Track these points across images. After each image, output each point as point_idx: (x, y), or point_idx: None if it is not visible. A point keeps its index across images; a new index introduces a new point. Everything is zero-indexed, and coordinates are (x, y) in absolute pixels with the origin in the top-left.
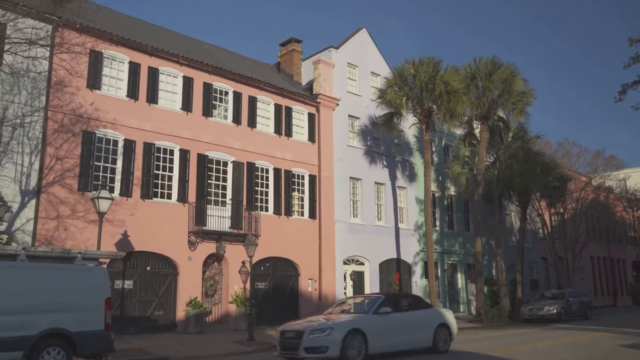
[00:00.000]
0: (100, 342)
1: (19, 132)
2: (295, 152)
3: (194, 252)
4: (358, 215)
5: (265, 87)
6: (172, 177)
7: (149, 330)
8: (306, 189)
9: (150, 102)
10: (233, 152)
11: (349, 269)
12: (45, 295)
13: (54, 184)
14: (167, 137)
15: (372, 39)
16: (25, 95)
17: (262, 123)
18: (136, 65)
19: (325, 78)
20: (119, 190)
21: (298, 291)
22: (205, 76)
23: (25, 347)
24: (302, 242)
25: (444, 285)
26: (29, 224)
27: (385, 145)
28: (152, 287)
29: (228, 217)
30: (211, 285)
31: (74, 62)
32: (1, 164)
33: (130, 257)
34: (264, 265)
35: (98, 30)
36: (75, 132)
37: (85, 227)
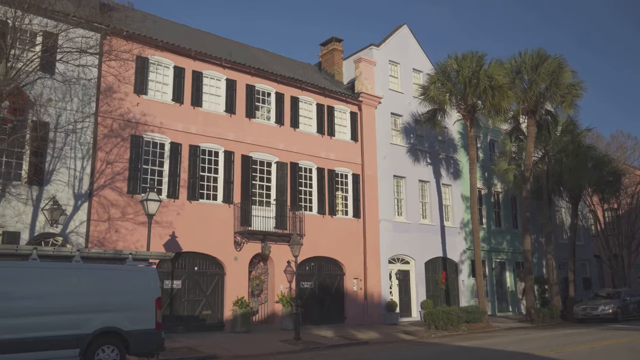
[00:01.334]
0: (151, 340)
1: (72, 138)
2: (338, 151)
3: (239, 252)
4: (402, 213)
5: (307, 87)
6: (217, 178)
7: (197, 330)
8: (350, 188)
9: (195, 106)
10: (276, 152)
11: (394, 268)
12: (99, 295)
13: (105, 187)
14: (212, 139)
15: (414, 35)
16: (76, 102)
17: (304, 123)
18: (181, 69)
19: (367, 76)
20: (166, 193)
21: (343, 291)
22: (247, 78)
23: (81, 345)
24: (346, 242)
25: (492, 284)
26: (82, 226)
27: (429, 143)
28: (200, 287)
29: (273, 217)
30: (257, 285)
31: (122, 68)
32: (55, 168)
33: (178, 257)
34: (309, 264)
35: (144, 37)
36: (124, 136)
37: (134, 229)
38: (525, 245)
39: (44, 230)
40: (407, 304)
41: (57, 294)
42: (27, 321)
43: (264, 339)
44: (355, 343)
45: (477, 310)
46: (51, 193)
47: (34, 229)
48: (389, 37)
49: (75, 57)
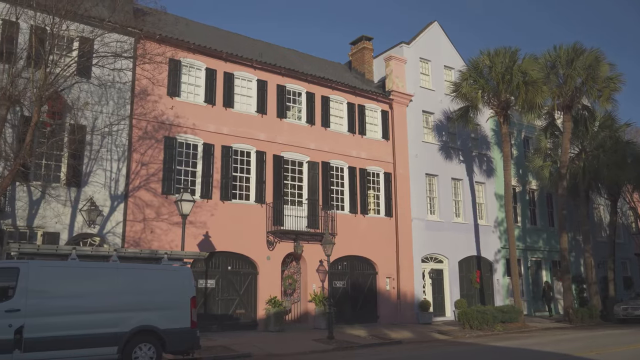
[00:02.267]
0: (187, 339)
1: (108, 140)
2: (370, 150)
3: (272, 251)
4: (435, 212)
5: (337, 87)
6: (250, 178)
7: (231, 328)
8: (382, 187)
9: (227, 107)
10: (308, 152)
11: (428, 267)
12: (136, 294)
13: (140, 188)
14: (244, 140)
15: (445, 32)
16: (112, 105)
17: (335, 122)
18: (212, 71)
19: (398, 74)
20: (199, 193)
21: (376, 290)
22: (278, 78)
23: (119, 343)
24: (378, 241)
25: (528, 284)
26: (118, 226)
27: (461, 140)
28: (234, 286)
29: (305, 216)
30: (290, 284)
31: (155, 71)
32: (92, 170)
33: (212, 257)
34: (341, 264)
35: (176, 40)
36: (158, 138)
37: (169, 229)
38: (562, 244)
39: (82, 231)
40: (441, 303)
41: (95, 293)
42: (68, 319)
43: (297, 338)
44: (388, 342)
45: (513, 310)
46: (89, 194)
47: (72, 230)
48: (419, 34)
49: (111, 61)
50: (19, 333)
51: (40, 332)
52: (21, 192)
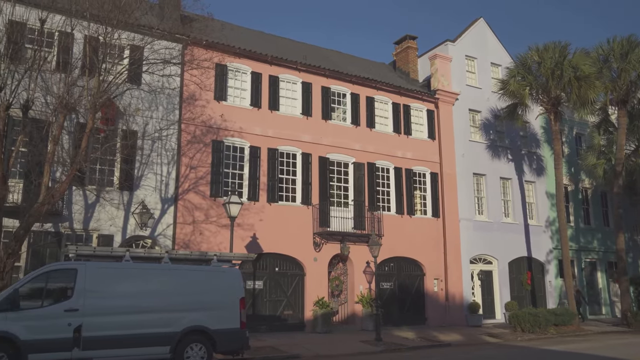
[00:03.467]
0: (236, 339)
1: (158, 145)
2: (416, 150)
3: (319, 253)
4: (483, 212)
5: (382, 87)
6: (296, 180)
7: (279, 329)
8: (428, 187)
9: (272, 109)
10: (353, 153)
11: (476, 268)
12: (187, 295)
13: (189, 191)
14: (290, 142)
15: (491, 28)
16: (161, 111)
17: (380, 123)
18: (258, 75)
19: (443, 73)
20: (246, 195)
21: (424, 291)
22: (323, 80)
23: (171, 343)
24: (426, 242)
25: (582, 286)
26: (169, 229)
27: (510, 138)
28: (281, 287)
29: (351, 217)
30: (337, 285)
31: (203, 76)
32: (144, 174)
33: (259, 258)
34: (388, 265)
35: (223, 45)
36: (206, 142)
37: (217, 231)
38: (619, 244)
39: (134, 233)
40: (491, 305)
41: (148, 293)
42: (122, 319)
43: (345, 339)
44: (437, 345)
45: (567, 313)
46: (140, 198)
47: (125, 232)
48: (464, 31)
49: (160, 67)
50: (78, 332)
51: (97, 331)
52: (77, 196)
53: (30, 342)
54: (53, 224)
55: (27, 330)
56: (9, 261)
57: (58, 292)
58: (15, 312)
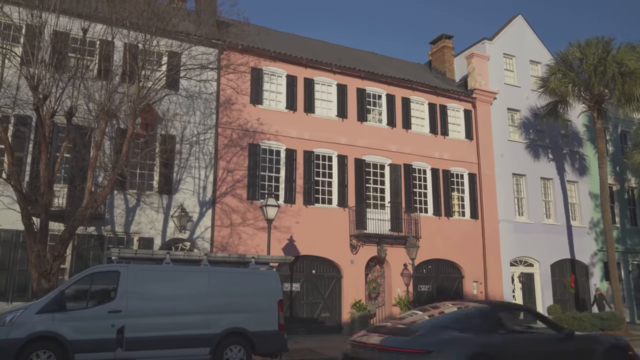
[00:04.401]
0: (275, 341)
1: (196, 149)
2: (453, 150)
3: (355, 255)
4: (524, 213)
5: (417, 87)
6: (332, 182)
7: (316, 332)
8: (466, 188)
9: (308, 112)
10: (389, 154)
11: (517, 270)
12: (226, 296)
13: (227, 195)
14: (325, 144)
15: (530, 25)
16: (199, 115)
17: (416, 124)
18: (293, 78)
19: (480, 72)
20: (283, 198)
21: (463, 294)
22: (358, 82)
23: (211, 344)
24: (464, 243)
25: (629, 289)
26: (207, 231)
27: (551, 138)
28: (318, 289)
29: (387, 219)
30: (374, 288)
31: (239, 81)
32: (182, 178)
33: (296, 261)
34: (425, 267)
35: (258, 49)
36: (243, 145)
37: (255, 234)
38: None
39: (173, 236)
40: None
41: (188, 295)
42: (163, 320)
43: None
44: None
45: (613, 317)
46: (179, 201)
47: (165, 235)
48: (502, 29)
49: (197, 73)
50: (121, 333)
51: (139, 332)
52: (119, 200)
53: (76, 342)
54: (96, 228)
55: (73, 330)
56: (55, 263)
57: (102, 293)
58: (62, 313)
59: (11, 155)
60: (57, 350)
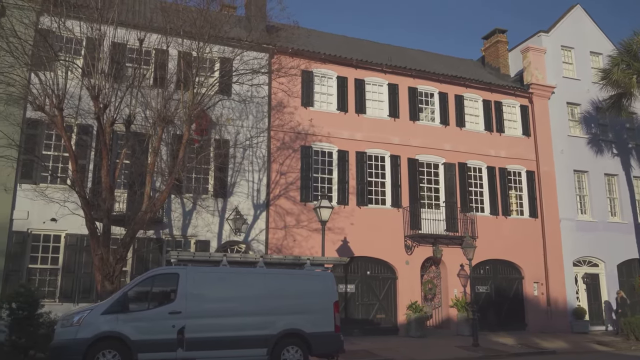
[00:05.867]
0: (331, 342)
1: (249, 153)
2: (509, 148)
3: (410, 256)
4: (586, 211)
5: (471, 84)
6: (385, 183)
7: (371, 333)
8: (524, 187)
9: (359, 113)
10: (443, 153)
11: (581, 271)
12: (282, 298)
13: (280, 197)
14: (378, 145)
15: (589, 15)
16: (251, 119)
17: (470, 121)
18: (343, 79)
19: (537, 66)
20: (336, 199)
21: (522, 295)
22: (409, 81)
23: (268, 345)
24: (523, 243)
25: None
26: (261, 234)
27: (614, 132)
28: (373, 290)
29: (442, 219)
30: (430, 289)
31: (290, 84)
32: (236, 181)
33: (350, 262)
34: (483, 268)
35: (308, 52)
36: (295, 148)
37: (309, 236)
38: None
39: (229, 239)
40: (598, 311)
41: (245, 297)
42: (222, 321)
43: (440, 344)
44: (540, 352)
45: None
46: (234, 204)
47: (221, 237)
48: (559, 20)
49: (249, 77)
50: (181, 333)
51: (199, 332)
52: (176, 204)
53: (139, 342)
54: (155, 231)
55: (136, 330)
56: (117, 266)
57: (162, 295)
58: (125, 314)
59: (75, 162)
60: (121, 350)
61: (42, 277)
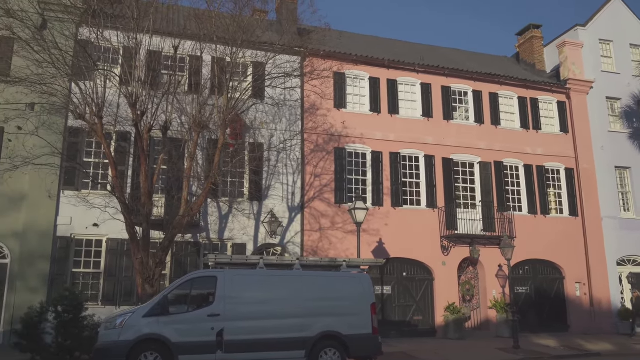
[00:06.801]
0: (369, 344)
1: (283, 156)
2: (547, 145)
3: (447, 257)
4: (630, 209)
5: (505, 82)
6: (420, 183)
7: (409, 335)
8: (563, 184)
9: (392, 113)
10: (478, 152)
11: (625, 270)
12: (319, 300)
13: (315, 199)
14: (411, 145)
15: (628, 6)
16: (285, 122)
17: (506, 119)
18: (375, 80)
19: (574, 60)
20: (370, 201)
21: (564, 296)
22: (442, 80)
23: (306, 347)
24: (563, 242)
25: None
26: (297, 236)
27: None
28: (410, 292)
29: (479, 219)
30: (468, 290)
31: (323, 86)
32: (271, 185)
33: (386, 263)
34: (522, 268)
35: (340, 54)
36: (329, 150)
37: (344, 237)
38: None
39: (265, 241)
40: None
41: (282, 299)
42: (259, 324)
43: (479, 346)
44: (584, 354)
45: None
46: (269, 207)
47: (257, 240)
48: (596, 13)
49: (282, 81)
50: (220, 336)
51: (237, 335)
52: (212, 208)
53: (179, 345)
54: (192, 235)
55: (177, 333)
56: (157, 270)
57: (201, 298)
58: (166, 317)
59: (115, 169)
60: (162, 352)
61: (85, 280)
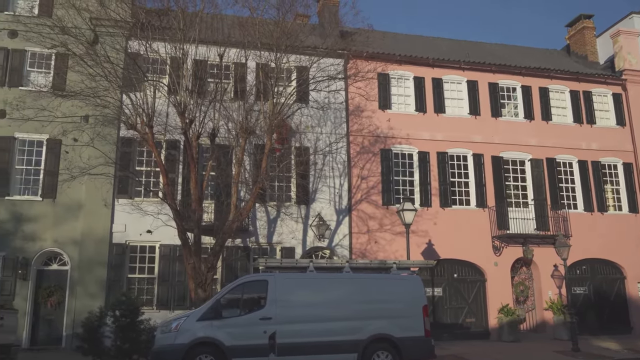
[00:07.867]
0: (422, 347)
1: (329, 159)
2: (602, 139)
3: (499, 257)
4: None
5: (556, 75)
6: (468, 182)
7: (461, 337)
8: (621, 180)
9: (438, 112)
10: (529, 149)
11: None
12: (370, 303)
13: (362, 202)
14: (459, 144)
15: None
16: (330, 125)
17: (557, 114)
18: (420, 79)
19: (630, 50)
20: (418, 202)
21: (626, 297)
22: (489, 76)
23: (358, 350)
24: (623, 241)
25: None
26: (345, 239)
27: None
28: (461, 294)
29: (532, 218)
30: (522, 291)
31: (367, 88)
32: (318, 188)
33: (437, 265)
34: (579, 268)
35: (384, 54)
36: (374, 151)
37: (392, 239)
38: None
39: (313, 245)
40: None
41: (333, 302)
42: (311, 327)
43: (536, 348)
44: None
45: None
46: (316, 210)
47: (305, 244)
48: None
49: (326, 84)
50: (273, 339)
51: (290, 338)
52: (260, 213)
53: (233, 348)
54: (242, 239)
55: (230, 336)
56: (209, 274)
57: (252, 302)
58: (219, 320)
59: (166, 176)
60: (216, 355)
61: (140, 285)
